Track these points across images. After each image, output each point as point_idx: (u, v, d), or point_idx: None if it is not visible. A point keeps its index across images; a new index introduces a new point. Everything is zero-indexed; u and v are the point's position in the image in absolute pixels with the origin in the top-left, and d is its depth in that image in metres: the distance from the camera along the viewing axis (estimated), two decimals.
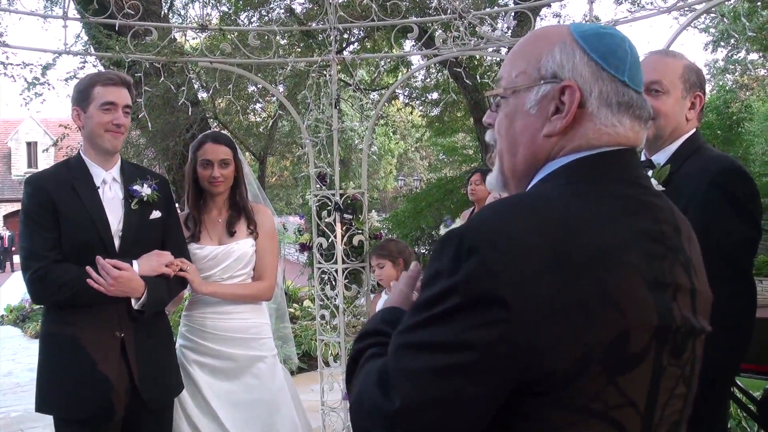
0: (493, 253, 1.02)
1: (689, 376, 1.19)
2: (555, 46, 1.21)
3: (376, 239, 4.90)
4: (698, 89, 2.47)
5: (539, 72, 1.22)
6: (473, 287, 1.02)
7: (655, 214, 1.17)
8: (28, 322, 13.73)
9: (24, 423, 6.72)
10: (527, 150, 1.25)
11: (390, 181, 37.43)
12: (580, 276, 1.03)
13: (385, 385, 1.08)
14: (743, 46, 17.08)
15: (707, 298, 1.23)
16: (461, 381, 1.02)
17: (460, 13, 4.48)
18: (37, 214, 2.86)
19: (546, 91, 1.21)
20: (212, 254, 3.42)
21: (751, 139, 19.58)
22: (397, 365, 1.08)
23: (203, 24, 5.13)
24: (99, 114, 2.93)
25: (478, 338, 1.01)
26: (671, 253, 1.15)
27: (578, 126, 1.19)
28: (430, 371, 1.04)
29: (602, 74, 1.18)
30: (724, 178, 2.27)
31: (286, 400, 3.54)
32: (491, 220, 1.09)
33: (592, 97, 1.18)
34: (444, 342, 1.03)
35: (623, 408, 1.07)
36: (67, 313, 2.90)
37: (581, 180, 1.17)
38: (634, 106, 1.19)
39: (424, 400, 1.04)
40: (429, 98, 17.75)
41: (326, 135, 4.86)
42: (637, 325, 1.06)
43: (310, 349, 8.30)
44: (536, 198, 1.17)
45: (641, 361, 1.07)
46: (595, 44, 1.20)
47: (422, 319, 1.07)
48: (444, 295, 1.05)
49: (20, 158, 38.45)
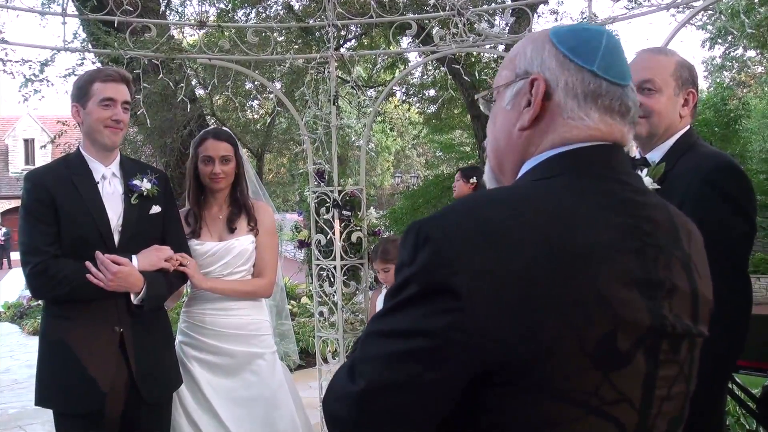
0: (446, 242, 1.04)
1: (687, 377, 1.19)
2: (529, 46, 1.26)
3: (374, 236, 4.91)
4: (691, 86, 2.47)
5: (515, 71, 1.26)
6: (427, 276, 1.04)
7: (636, 210, 1.16)
8: (26, 318, 13.73)
9: (22, 420, 6.72)
10: (506, 145, 1.28)
11: (387, 178, 37.45)
12: (547, 271, 1.03)
13: (352, 371, 1.11)
14: (741, 43, 17.10)
15: (707, 302, 1.23)
16: (418, 367, 1.04)
17: (458, 9, 4.48)
18: (37, 209, 2.86)
19: (519, 86, 1.24)
20: (212, 250, 3.43)
21: (748, 137, 19.63)
22: (362, 352, 1.12)
23: (202, 21, 5.13)
24: (98, 110, 2.93)
25: (432, 325, 1.03)
26: (656, 250, 1.14)
27: (548, 119, 1.21)
28: (389, 357, 1.07)
29: (569, 65, 1.19)
30: (718, 175, 2.27)
31: (285, 397, 3.54)
32: (450, 212, 1.11)
33: (559, 88, 1.20)
34: (402, 329, 1.06)
35: (619, 404, 1.07)
36: (67, 308, 2.90)
37: (556, 175, 1.18)
38: (602, 95, 1.19)
39: (384, 384, 1.06)
40: (426, 95, 17.76)
41: (324, 132, 4.86)
42: (622, 323, 1.06)
43: (308, 346, 8.31)
44: (505, 191, 1.20)
45: (630, 359, 1.07)
46: (566, 38, 1.22)
47: (387, 308, 1.11)
48: (404, 284, 1.08)
49: (17, 155, 38.34)
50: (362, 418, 1.09)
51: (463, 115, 17.48)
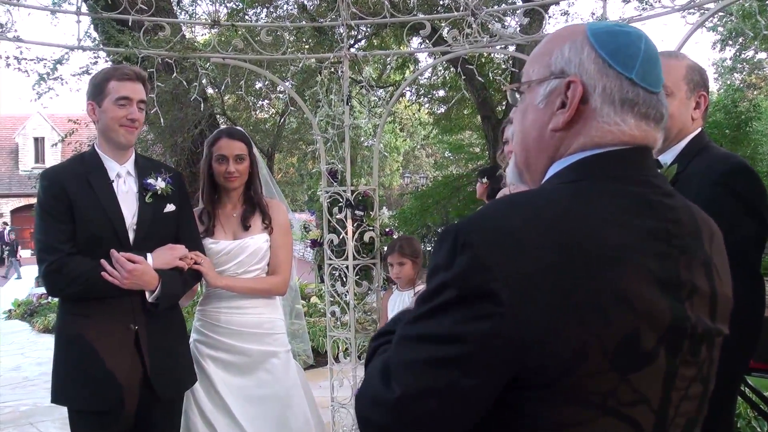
0: (487, 247, 1.05)
1: (705, 377, 1.19)
2: (566, 43, 1.23)
3: (386, 236, 4.90)
4: (702, 89, 2.51)
5: (550, 68, 1.25)
6: (466, 281, 1.05)
7: (664, 213, 1.17)
8: (36, 316, 13.80)
9: (33, 417, 6.75)
10: (536, 144, 1.27)
11: (396, 179, 37.45)
12: (576, 274, 1.04)
13: (387, 376, 1.11)
14: (753, 45, 17.04)
15: (726, 300, 1.23)
16: (455, 372, 1.04)
17: (472, 10, 4.47)
18: (52, 207, 2.88)
19: (554, 86, 1.23)
20: (227, 249, 3.43)
21: (759, 139, 19.53)
22: (397, 357, 1.11)
23: (215, 20, 5.13)
24: (114, 108, 2.94)
25: (471, 331, 1.03)
26: (680, 251, 1.15)
27: (582, 122, 1.20)
28: (426, 362, 1.07)
29: (608, 71, 1.19)
30: (730, 177, 2.30)
31: (298, 395, 3.55)
32: (487, 216, 1.12)
33: (596, 94, 1.19)
34: (439, 334, 1.06)
35: (636, 405, 1.08)
36: (82, 305, 2.92)
37: (585, 179, 1.18)
38: (639, 103, 1.19)
39: (421, 390, 1.06)
40: (436, 95, 17.78)
41: (337, 131, 4.86)
42: (645, 324, 1.07)
43: (318, 346, 8.30)
44: (536, 195, 1.19)
45: (652, 360, 1.08)
46: (605, 41, 1.20)
47: (421, 313, 1.11)
48: (440, 288, 1.08)
49: (27, 153, 38.57)
50: (398, 424, 1.09)
51: (473, 116, 17.49)
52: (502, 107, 13.97)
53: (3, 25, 4.22)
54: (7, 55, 6.50)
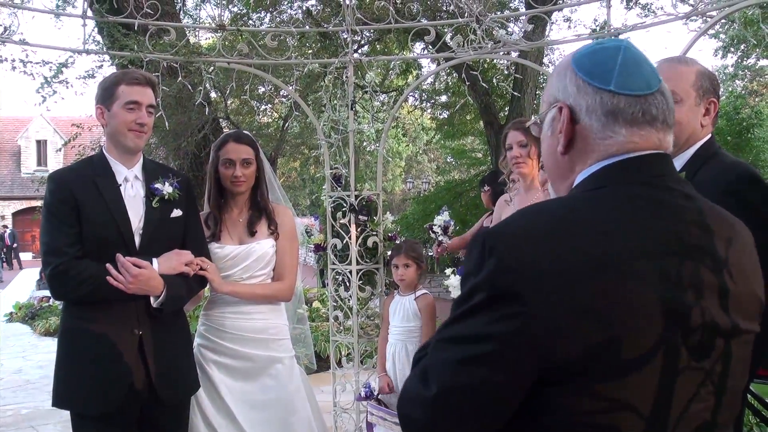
0: (510, 252, 1.14)
1: (719, 376, 1.21)
2: (557, 75, 1.36)
3: (390, 241, 4.91)
4: (712, 95, 2.48)
5: (548, 100, 1.39)
6: (493, 284, 1.14)
7: (682, 215, 1.23)
8: (38, 319, 13.80)
9: (35, 420, 6.75)
10: (553, 167, 1.41)
11: (398, 184, 37.42)
12: (586, 276, 1.12)
13: (425, 376, 1.20)
14: (755, 52, 17.03)
15: (751, 299, 1.28)
16: (486, 370, 1.13)
17: (477, 16, 4.49)
18: (59, 209, 2.87)
19: (552, 114, 1.36)
20: (233, 254, 3.43)
21: (761, 146, 19.50)
22: (434, 358, 1.21)
23: (221, 24, 5.15)
24: (123, 113, 2.94)
25: (499, 331, 1.12)
26: (691, 253, 1.20)
27: (582, 141, 1.31)
28: (460, 361, 1.16)
29: (587, 89, 1.29)
30: (739, 185, 2.28)
31: (302, 401, 3.54)
32: (512, 223, 1.23)
33: (583, 113, 1.30)
34: (470, 335, 1.16)
35: (638, 401, 1.13)
36: (87, 309, 2.91)
37: (601, 187, 1.26)
38: (623, 110, 1.26)
39: (456, 388, 1.15)
40: (439, 101, 17.78)
41: (341, 136, 4.87)
42: (647, 324, 1.13)
43: (320, 350, 8.30)
44: (557, 203, 1.30)
45: (654, 359, 1.13)
46: (583, 62, 1.31)
47: (455, 316, 1.20)
48: (471, 292, 1.17)
49: (30, 156, 38.54)
50: (435, 419, 1.18)
51: (475, 121, 17.47)
52: (505, 113, 13.96)
53: (8, 28, 4.23)
54: (13, 58, 6.52)
